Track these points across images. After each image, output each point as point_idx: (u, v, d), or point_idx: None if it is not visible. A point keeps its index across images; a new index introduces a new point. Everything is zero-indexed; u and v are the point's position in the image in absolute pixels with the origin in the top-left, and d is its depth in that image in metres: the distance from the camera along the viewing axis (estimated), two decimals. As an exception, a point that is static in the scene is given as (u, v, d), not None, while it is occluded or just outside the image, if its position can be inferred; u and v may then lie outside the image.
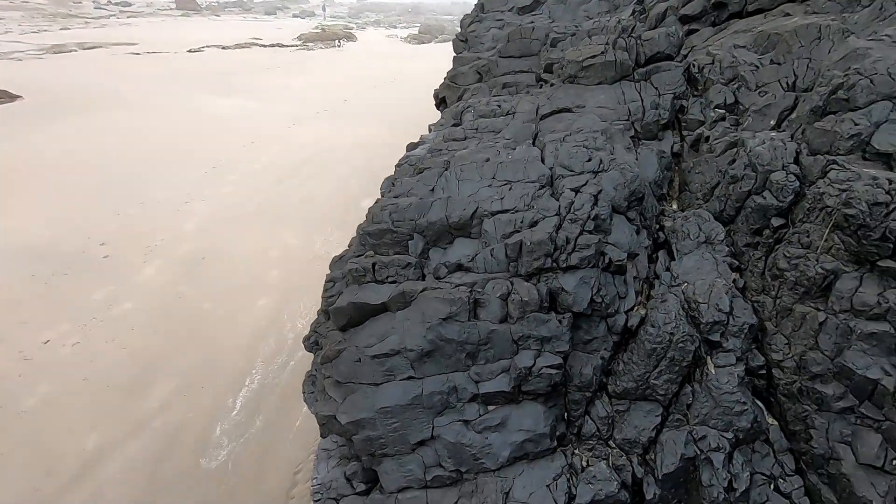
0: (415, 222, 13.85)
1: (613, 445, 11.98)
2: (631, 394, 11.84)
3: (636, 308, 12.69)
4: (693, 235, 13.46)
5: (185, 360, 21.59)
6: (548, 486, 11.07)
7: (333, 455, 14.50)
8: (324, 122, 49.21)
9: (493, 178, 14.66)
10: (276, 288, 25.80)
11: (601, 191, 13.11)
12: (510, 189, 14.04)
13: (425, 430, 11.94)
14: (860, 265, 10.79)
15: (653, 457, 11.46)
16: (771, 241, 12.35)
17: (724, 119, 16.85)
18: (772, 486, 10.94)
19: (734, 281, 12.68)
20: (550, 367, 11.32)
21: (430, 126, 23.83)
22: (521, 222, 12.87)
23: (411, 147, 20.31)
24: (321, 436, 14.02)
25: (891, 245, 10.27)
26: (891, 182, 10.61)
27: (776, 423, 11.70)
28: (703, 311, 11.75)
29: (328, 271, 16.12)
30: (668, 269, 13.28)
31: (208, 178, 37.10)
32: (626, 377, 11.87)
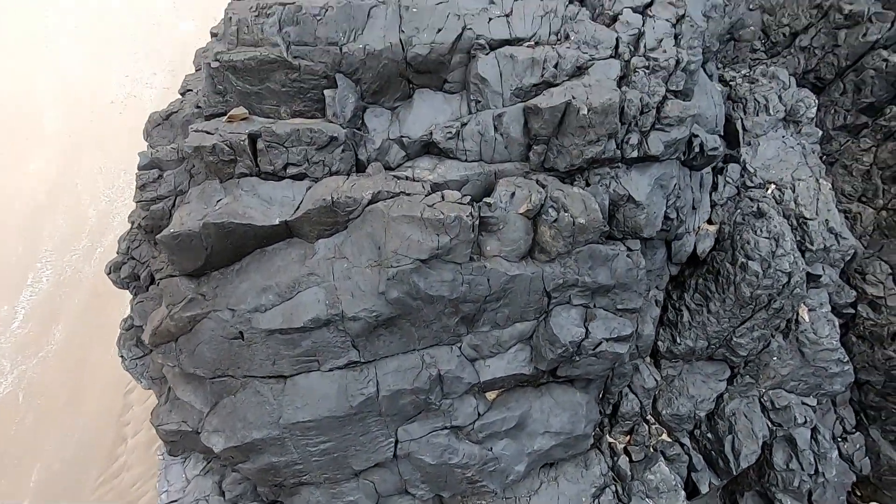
0: (338, 49, 6.73)
1: (653, 421, 8.36)
2: (694, 354, 7.96)
3: (700, 228, 8.23)
4: (772, 108, 8.81)
5: None
6: (584, 509, 7.15)
7: (194, 458, 8.74)
8: None
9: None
10: (54, 141, 17.06)
11: (684, 15, 7.34)
12: (519, -4, 7.39)
13: (383, 450, 6.77)
14: None
15: (707, 433, 8.15)
16: (895, 123, 8.40)
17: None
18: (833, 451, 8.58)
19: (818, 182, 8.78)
20: (616, 339, 6.54)
21: None
22: (556, 67, 6.75)
23: None
24: (169, 452, 8.02)
25: None
26: None
27: (835, 368, 9.08)
28: (812, 231, 7.75)
29: (138, 127, 8.69)
30: (734, 160, 8.77)
31: None
32: (692, 332, 7.76)
